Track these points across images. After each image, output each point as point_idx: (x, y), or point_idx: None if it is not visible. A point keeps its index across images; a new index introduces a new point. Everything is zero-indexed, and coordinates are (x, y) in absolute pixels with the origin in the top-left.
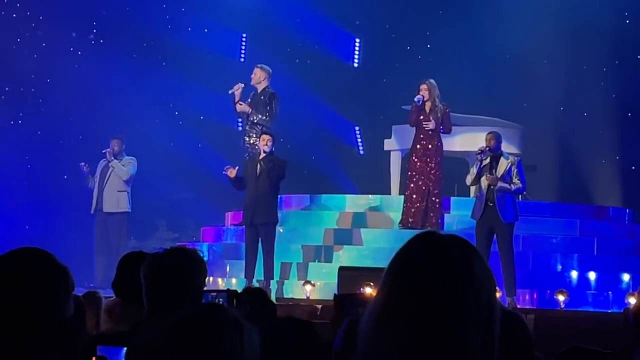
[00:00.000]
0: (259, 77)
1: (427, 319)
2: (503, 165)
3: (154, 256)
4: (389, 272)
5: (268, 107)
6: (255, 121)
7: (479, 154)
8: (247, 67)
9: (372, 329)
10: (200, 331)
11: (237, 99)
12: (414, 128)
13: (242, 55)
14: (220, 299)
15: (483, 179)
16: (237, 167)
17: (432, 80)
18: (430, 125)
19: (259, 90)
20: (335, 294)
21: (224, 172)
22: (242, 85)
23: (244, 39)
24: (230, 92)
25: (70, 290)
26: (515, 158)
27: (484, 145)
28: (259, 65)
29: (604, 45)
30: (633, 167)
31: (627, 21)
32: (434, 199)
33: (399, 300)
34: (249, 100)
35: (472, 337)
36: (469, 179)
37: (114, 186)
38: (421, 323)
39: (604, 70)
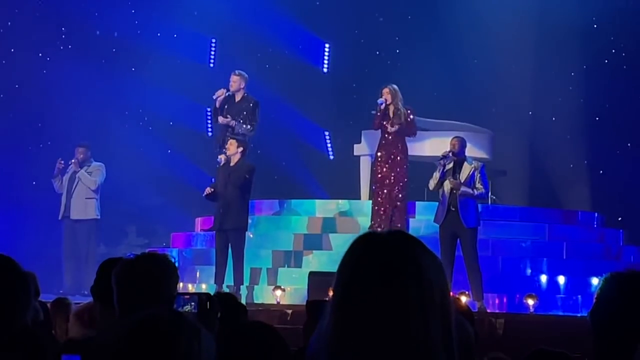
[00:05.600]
0: (239, 84)
1: (379, 321)
2: (466, 170)
3: (125, 261)
4: (338, 276)
5: (251, 117)
6: (241, 132)
7: (441, 158)
8: (216, 72)
9: (330, 334)
10: (155, 337)
11: (218, 105)
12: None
13: (212, 61)
14: (192, 303)
15: (446, 183)
16: (212, 188)
17: (394, 85)
18: (394, 127)
19: (237, 99)
20: (308, 300)
21: (205, 196)
22: (225, 90)
23: (213, 44)
24: (214, 97)
25: (31, 296)
26: (479, 163)
27: (448, 149)
28: (237, 72)
29: (571, 50)
30: (601, 171)
31: (595, 26)
32: (398, 203)
33: (349, 303)
34: (226, 107)
35: (430, 334)
36: (431, 184)
37: (81, 193)
38: (375, 325)
39: (572, 74)
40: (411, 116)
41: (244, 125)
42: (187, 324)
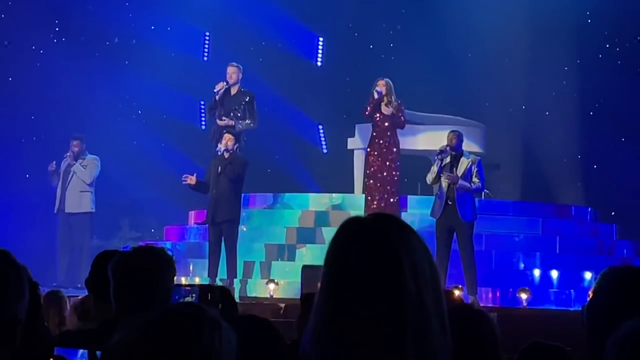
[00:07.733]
0: (237, 75)
1: (357, 308)
2: (463, 164)
3: (122, 254)
4: (324, 262)
5: (250, 111)
6: (243, 128)
7: (439, 153)
8: (210, 65)
9: (321, 323)
10: (177, 330)
11: (218, 98)
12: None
13: (206, 54)
14: (193, 294)
15: (443, 177)
16: (194, 174)
17: (388, 80)
18: (389, 109)
19: (232, 92)
20: (302, 293)
21: (183, 182)
22: (224, 83)
23: (207, 38)
24: (215, 90)
25: (25, 288)
26: (476, 157)
27: (446, 144)
28: (233, 64)
29: (565, 45)
30: (595, 166)
31: (589, 20)
32: (391, 197)
33: (331, 290)
34: (223, 100)
35: (401, 323)
36: (429, 178)
37: (76, 186)
38: (353, 312)
39: (565, 69)
40: (402, 107)
41: (246, 121)
42: (208, 317)
